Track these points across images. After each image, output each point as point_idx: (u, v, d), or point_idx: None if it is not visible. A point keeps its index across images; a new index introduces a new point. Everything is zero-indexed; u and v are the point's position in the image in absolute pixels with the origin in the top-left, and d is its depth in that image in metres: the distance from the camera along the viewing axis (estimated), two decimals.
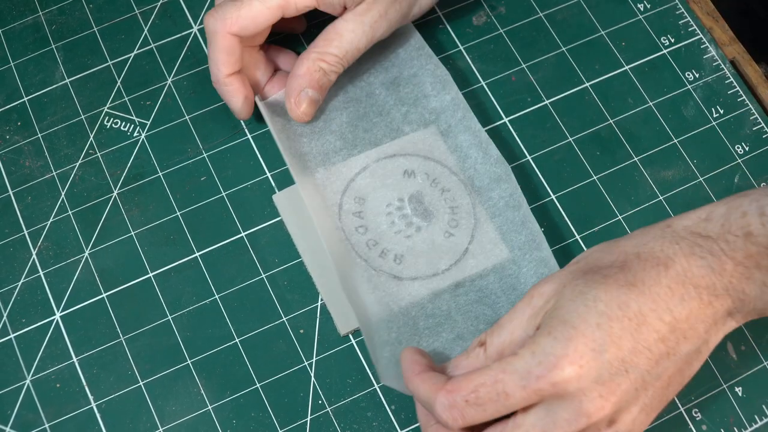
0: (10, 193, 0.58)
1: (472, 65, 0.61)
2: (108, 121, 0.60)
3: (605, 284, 0.47)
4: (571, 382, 0.45)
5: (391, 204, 0.56)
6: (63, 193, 0.58)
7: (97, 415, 0.52)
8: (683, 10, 0.62)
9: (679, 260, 0.48)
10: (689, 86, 0.61)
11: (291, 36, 0.62)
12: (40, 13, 0.63)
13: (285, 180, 0.58)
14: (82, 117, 0.60)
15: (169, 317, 0.54)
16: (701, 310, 0.47)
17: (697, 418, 0.52)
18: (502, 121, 0.60)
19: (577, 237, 0.57)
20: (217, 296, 0.55)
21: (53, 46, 0.62)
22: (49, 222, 0.57)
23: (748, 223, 0.47)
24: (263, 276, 0.55)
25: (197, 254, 0.56)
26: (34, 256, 0.56)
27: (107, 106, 0.60)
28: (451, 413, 0.46)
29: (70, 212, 0.57)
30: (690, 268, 0.47)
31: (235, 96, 0.57)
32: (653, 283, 0.47)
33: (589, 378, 0.45)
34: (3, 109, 0.60)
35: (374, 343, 0.52)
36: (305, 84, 0.56)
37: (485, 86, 0.60)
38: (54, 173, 0.58)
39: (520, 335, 0.48)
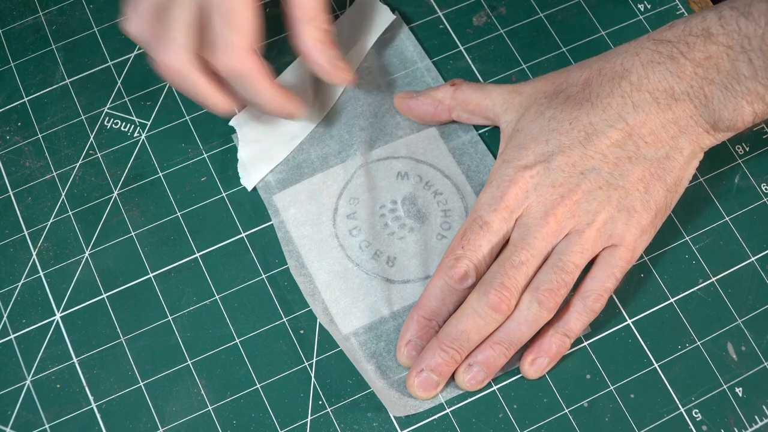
0: (11, 193, 0.58)
1: (472, 65, 0.61)
2: (108, 122, 0.60)
3: (564, 104, 0.52)
4: (529, 191, 0.51)
5: (385, 206, 0.56)
6: (63, 194, 0.58)
7: (98, 416, 0.52)
8: (683, 10, 0.62)
9: (635, 70, 0.52)
10: None
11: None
12: (40, 13, 0.63)
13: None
14: (83, 117, 0.60)
15: (170, 318, 0.54)
16: (660, 115, 0.51)
17: (698, 419, 0.52)
18: None
19: None
20: (217, 297, 0.55)
21: (53, 47, 0.62)
22: (49, 222, 0.57)
23: (708, 26, 0.50)
24: (263, 276, 0.55)
25: (197, 255, 0.56)
26: (34, 256, 0.56)
27: (107, 106, 0.60)
28: (461, 264, 0.51)
29: (70, 213, 0.57)
30: (646, 75, 0.51)
31: (290, 100, 0.54)
32: (606, 96, 0.52)
33: (544, 184, 0.51)
34: (3, 109, 0.60)
35: (359, 358, 0.53)
36: (325, 50, 0.53)
37: None
38: (54, 174, 0.58)
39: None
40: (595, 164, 0.51)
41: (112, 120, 0.60)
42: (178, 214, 0.57)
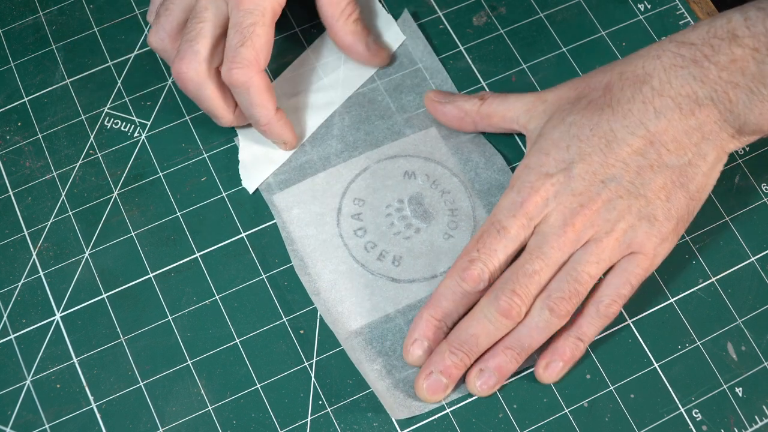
0: (11, 193, 0.58)
1: (472, 65, 0.61)
2: (108, 122, 0.60)
3: (585, 109, 0.52)
4: (549, 199, 0.50)
5: (391, 205, 0.56)
6: (63, 194, 0.58)
7: (98, 416, 0.52)
8: (684, 10, 0.62)
9: (657, 74, 0.50)
10: None
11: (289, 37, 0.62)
12: (40, 13, 0.63)
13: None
14: (83, 117, 0.60)
15: (170, 318, 0.54)
16: (682, 121, 0.50)
17: (698, 419, 0.52)
18: None
19: None
20: (217, 296, 0.55)
21: (53, 47, 0.62)
22: (49, 222, 0.57)
23: (734, 27, 0.49)
24: (263, 276, 0.55)
25: (197, 255, 0.56)
26: (34, 256, 0.56)
27: (107, 106, 0.60)
28: (474, 267, 0.50)
29: (70, 212, 0.57)
30: (668, 80, 0.50)
31: (289, 126, 0.57)
32: (627, 101, 0.51)
33: (564, 192, 0.50)
34: (3, 109, 0.60)
35: (364, 357, 0.53)
36: (364, 39, 0.58)
37: (486, 87, 0.60)
38: (54, 174, 0.58)
39: None
40: (616, 173, 0.50)
41: (112, 120, 0.60)
42: (178, 214, 0.57)
